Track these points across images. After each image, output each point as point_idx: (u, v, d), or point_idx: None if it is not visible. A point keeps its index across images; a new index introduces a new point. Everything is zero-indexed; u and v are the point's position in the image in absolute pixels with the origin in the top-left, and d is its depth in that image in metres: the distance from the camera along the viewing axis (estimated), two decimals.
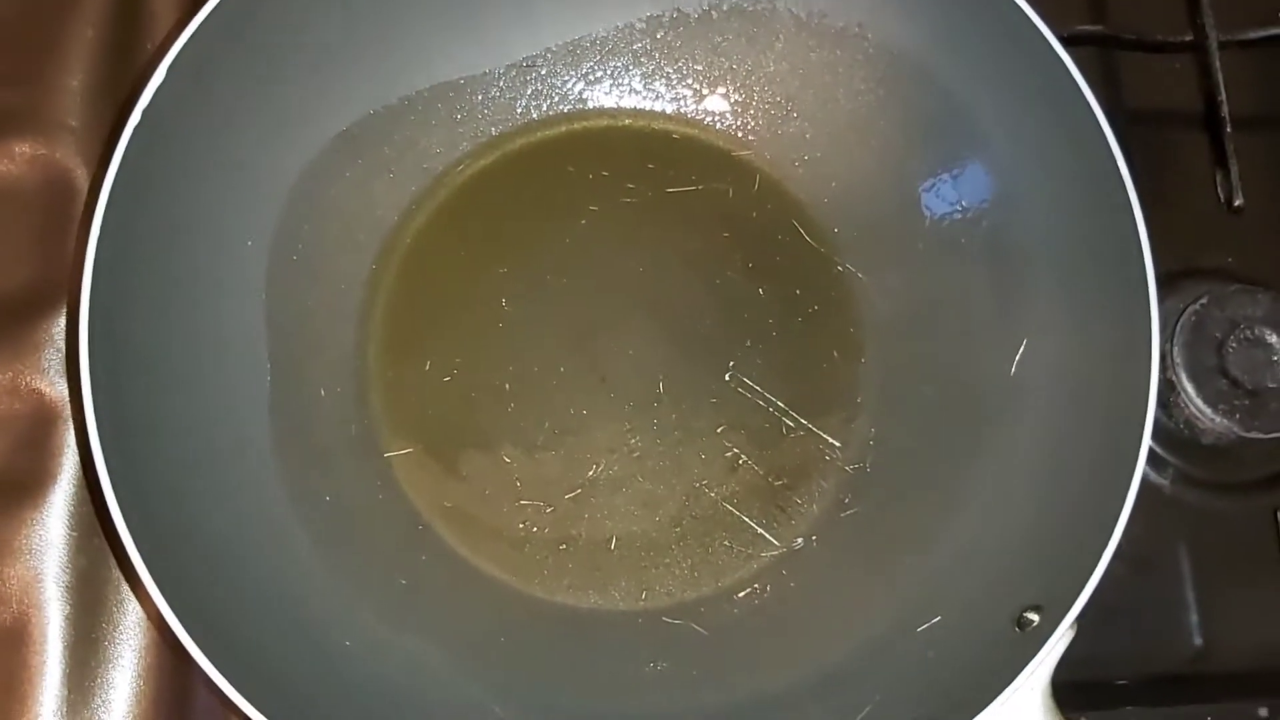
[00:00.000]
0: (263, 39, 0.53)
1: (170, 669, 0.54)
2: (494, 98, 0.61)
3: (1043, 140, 0.53)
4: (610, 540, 0.56)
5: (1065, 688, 0.49)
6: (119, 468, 0.46)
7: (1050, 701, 0.48)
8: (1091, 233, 0.52)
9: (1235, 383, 0.56)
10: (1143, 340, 0.49)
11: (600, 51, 0.61)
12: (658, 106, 0.62)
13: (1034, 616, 0.47)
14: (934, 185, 0.58)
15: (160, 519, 0.47)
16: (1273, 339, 0.56)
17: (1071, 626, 0.46)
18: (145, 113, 0.49)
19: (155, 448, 0.49)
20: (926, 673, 0.50)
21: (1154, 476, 0.59)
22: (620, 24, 0.60)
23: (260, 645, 0.48)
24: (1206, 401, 0.56)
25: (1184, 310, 0.57)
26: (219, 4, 0.51)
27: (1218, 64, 0.61)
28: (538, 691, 0.53)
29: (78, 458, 0.55)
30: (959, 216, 0.57)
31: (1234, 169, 0.60)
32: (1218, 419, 0.56)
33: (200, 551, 0.49)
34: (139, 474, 0.47)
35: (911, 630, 0.51)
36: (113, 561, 0.54)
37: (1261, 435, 0.56)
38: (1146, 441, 0.48)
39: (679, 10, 0.60)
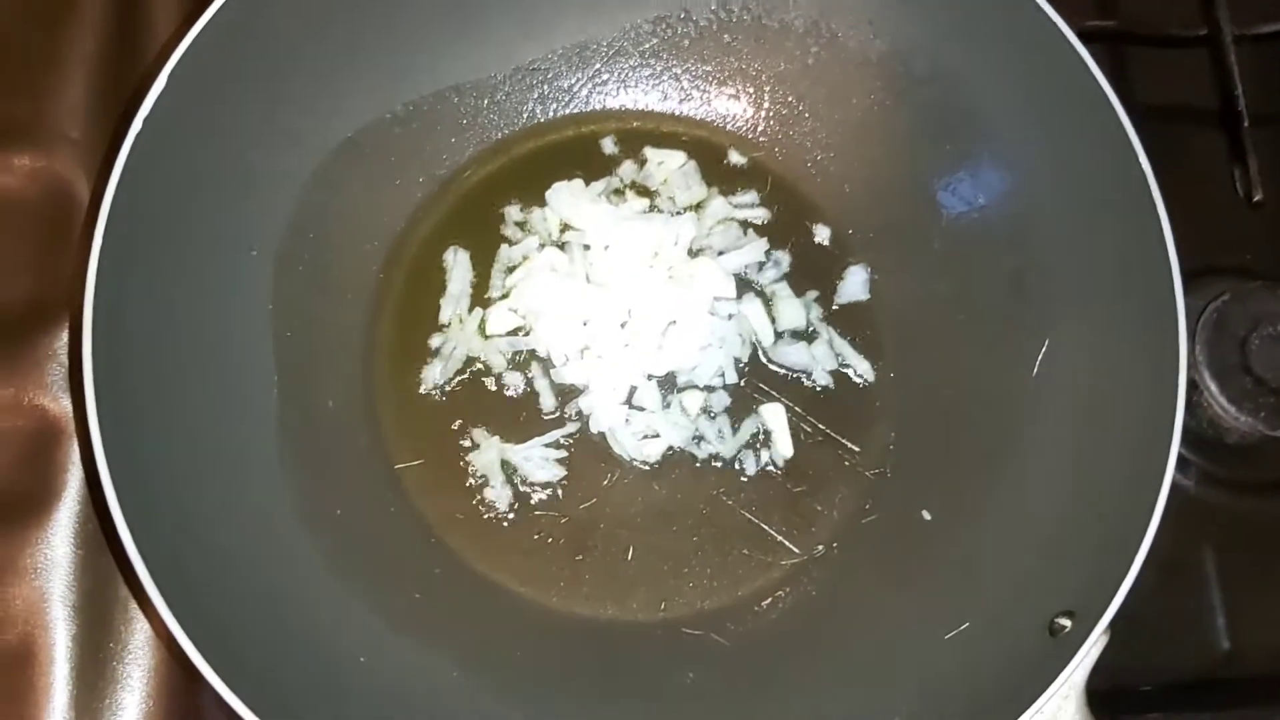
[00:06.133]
0: (263, 47, 0.52)
1: (180, 688, 0.53)
2: (499, 101, 0.60)
3: (1062, 137, 0.53)
4: (627, 550, 0.55)
5: (1091, 695, 0.48)
6: (124, 484, 0.45)
7: (1086, 709, 0.47)
8: (1114, 231, 0.51)
9: (1259, 380, 0.55)
10: (1170, 340, 0.48)
11: (607, 53, 0.60)
12: (666, 108, 0.61)
13: (1066, 622, 0.47)
14: (951, 184, 0.57)
15: (167, 535, 0.46)
16: None
17: (1105, 632, 0.46)
18: (146, 122, 0.48)
19: (161, 462, 0.48)
20: (956, 681, 0.49)
21: (1178, 478, 0.57)
22: (627, 25, 0.60)
23: (272, 661, 0.47)
24: (1230, 400, 0.55)
25: (1205, 308, 0.56)
26: (219, 11, 0.50)
27: (1233, 58, 0.61)
28: (556, 704, 0.52)
29: (82, 474, 0.54)
30: (976, 215, 0.56)
31: (1253, 164, 0.60)
32: (1242, 418, 0.55)
33: (209, 567, 0.48)
34: (145, 489, 0.46)
35: (939, 637, 0.50)
36: (120, 580, 0.53)
37: None
38: (1177, 442, 0.47)
39: (686, 10, 0.59)
